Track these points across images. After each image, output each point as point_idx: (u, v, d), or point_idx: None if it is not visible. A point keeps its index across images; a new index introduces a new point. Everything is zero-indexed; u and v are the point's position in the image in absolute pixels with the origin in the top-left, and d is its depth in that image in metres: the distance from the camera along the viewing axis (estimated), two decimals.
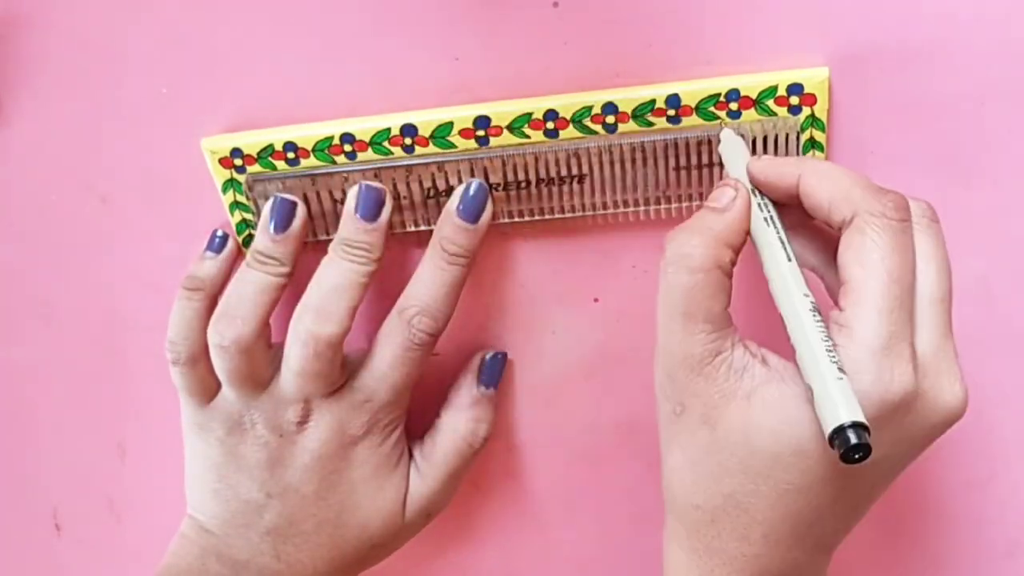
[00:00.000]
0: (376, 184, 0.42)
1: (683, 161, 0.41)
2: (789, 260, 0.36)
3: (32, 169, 0.45)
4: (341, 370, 0.42)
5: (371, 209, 0.41)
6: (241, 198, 0.43)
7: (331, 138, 0.42)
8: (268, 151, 0.42)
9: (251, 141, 0.42)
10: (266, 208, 0.42)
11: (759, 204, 0.37)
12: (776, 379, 0.35)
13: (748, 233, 0.37)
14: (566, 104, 0.41)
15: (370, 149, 0.42)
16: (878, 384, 0.33)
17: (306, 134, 0.42)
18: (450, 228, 0.41)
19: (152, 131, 0.43)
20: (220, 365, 0.42)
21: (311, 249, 0.43)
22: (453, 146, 0.42)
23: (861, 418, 0.31)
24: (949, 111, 0.41)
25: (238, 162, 0.43)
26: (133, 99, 0.43)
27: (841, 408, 0.32)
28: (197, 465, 0.44)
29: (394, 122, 0.41)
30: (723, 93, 0.40)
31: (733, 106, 0.41)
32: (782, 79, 0.40)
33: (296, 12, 0.41)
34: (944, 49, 0.40)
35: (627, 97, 0.41)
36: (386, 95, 0.42)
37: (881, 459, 0.34)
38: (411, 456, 0.45)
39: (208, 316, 0.42)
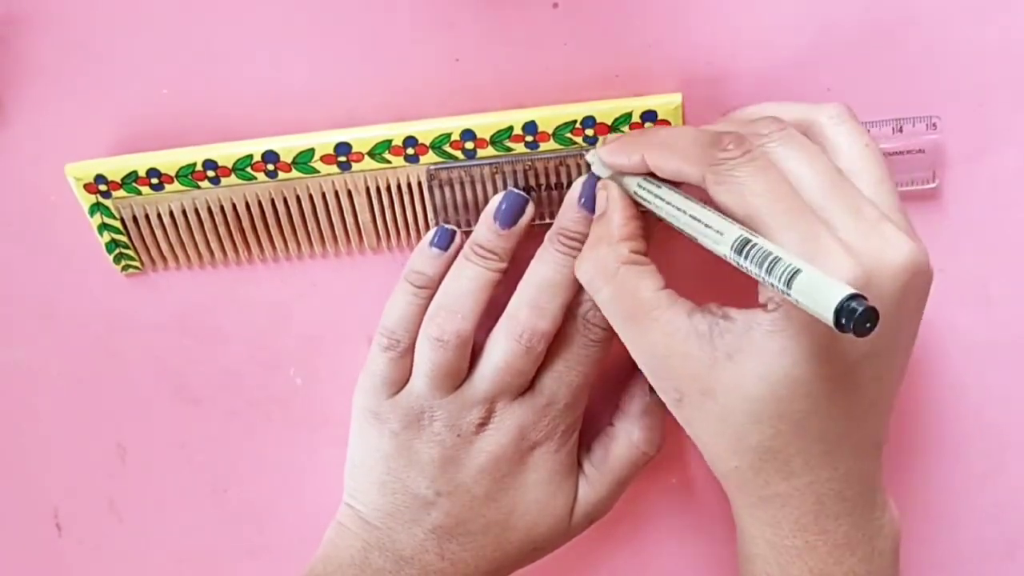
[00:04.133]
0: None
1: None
2: (691, 214, 0.36)
3: (32, 169, 0.45)
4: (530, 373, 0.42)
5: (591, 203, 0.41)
6: (109, 220, 0.44)
7: (193, 164, 0.42)
8: (132, 177, 0.43)
9: (114, 167, 0.43)
10: (494, 201, 0.42)
11: (639, 185, 0.38)
12: (743, 328, 0.35)
13: (638, 218, 0.39)
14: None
15: (233, 175, 0.42)
16: None
17: (169, 160, 0.42)
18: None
19: (152, 132, 0.44)
20: (430, 358, 0.42)
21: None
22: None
23: (850, 289, 0.30)
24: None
25: (103, 188, 0.43)
26: (134, 100, 0.43)
27: (827, 291, 0.31)
28: (365, 455, 0.44)
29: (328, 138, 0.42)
30: (579, 120, 0.41)
31: (589, 132, 0.41)
32: (636, 105, 0.41)
33: (297, 12, 0.42)
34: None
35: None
36: (387, 96, 0.42)
37: (873, 343, 0.34)
38: (579, 463, 0.45)
39: (424, 311, 0.42)
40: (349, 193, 0.43)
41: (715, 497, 0.48)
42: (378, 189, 0.43)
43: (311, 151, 0.42)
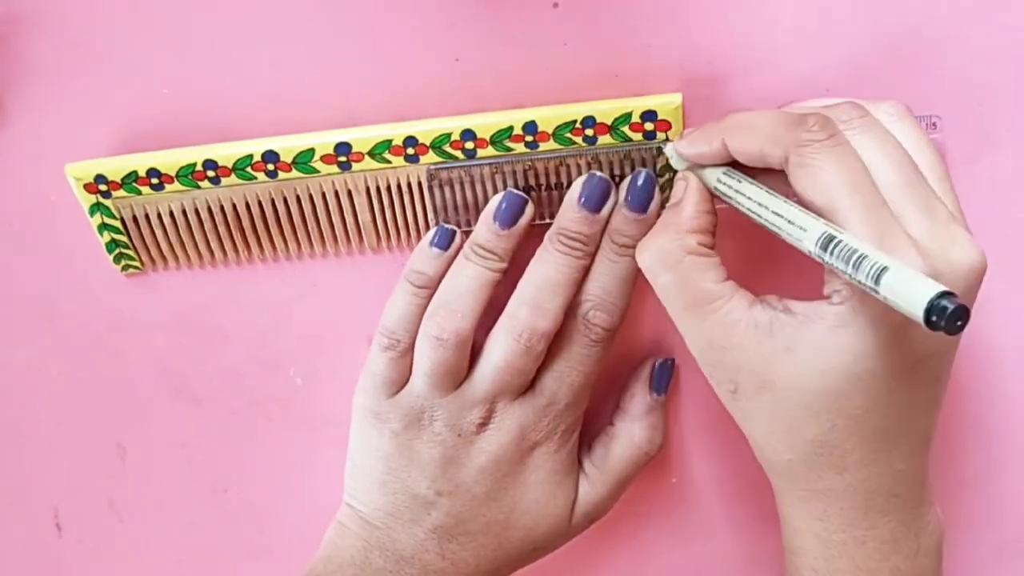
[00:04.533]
0: (603, 176, 0.41)
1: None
2: (773, 210, 0.36)
3: (32, 169, 0.45)
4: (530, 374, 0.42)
5: (597, 202, 0.41)
6: (109, 220, 0.44)
7: (193, 164, 0.42)
8: (132, 177, 0.43)
9: (114, 167, 0.43)
10: (494, 201, 0.42)
11: (718, 180, 0.38)
12: (804, 321, 0.35)
13: (712, 212, 0.38)
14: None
15: (233, 175, 0.42)
16: None
17: (169, 160, 0.42)
18: (620, 220, 0.41)
19: (152, 132, 0.44)
20: (430, 357, 0.42)
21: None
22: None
23: (941, 287, 0.30)
24: None
25: (103, 188, 0.43)
26: (134, 100, 0.43)
27: (919, 288, 0.30)
28: (366, 455, 0.44)
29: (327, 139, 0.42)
30: (579, 120, 0.41)
31: (589, 132, 0.41)
32: (636, 105, 0.41)
33: (297, 12, 0.42)
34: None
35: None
36: (387, 96, 0.42)
37: (938, 344, 0.35)
38: (579, 462, 0.45)
39: (424, 311, 0.42)
40: (349, 193, 0.43)
41: (715, 497, 0.48)
42: (378, 189, 0.43)
43: (311, 151, 0.42)
